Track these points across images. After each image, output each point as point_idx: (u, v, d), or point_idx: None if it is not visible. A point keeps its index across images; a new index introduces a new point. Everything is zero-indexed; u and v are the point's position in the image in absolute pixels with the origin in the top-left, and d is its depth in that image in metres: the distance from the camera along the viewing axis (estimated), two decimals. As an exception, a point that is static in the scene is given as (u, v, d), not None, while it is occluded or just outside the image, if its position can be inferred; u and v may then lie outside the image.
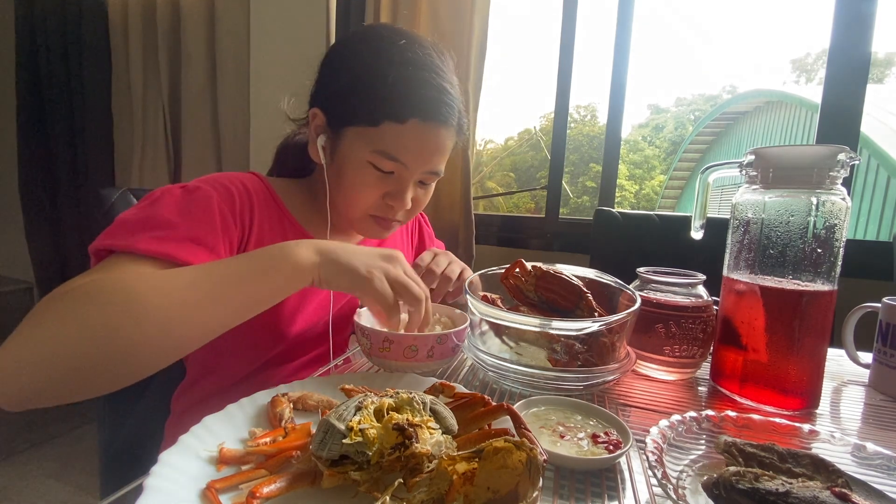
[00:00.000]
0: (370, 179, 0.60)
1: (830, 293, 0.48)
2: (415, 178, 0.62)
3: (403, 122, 0.56)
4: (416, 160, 0.59)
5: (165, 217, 0.50)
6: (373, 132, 0.57)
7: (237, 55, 1.71)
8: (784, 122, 5.80)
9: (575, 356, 0.52)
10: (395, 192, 0.61)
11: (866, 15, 1.14)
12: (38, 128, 2.07)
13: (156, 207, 0.51)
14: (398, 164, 0.58)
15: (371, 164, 0.59)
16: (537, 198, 1.79)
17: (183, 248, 0.48)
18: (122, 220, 0.50)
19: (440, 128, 0.59)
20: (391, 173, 0.60)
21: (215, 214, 0.54)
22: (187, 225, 0.50)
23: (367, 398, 0.32)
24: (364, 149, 0.58)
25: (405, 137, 0.57)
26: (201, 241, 0.51)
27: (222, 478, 0.31)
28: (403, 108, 0.56)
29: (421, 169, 0.60)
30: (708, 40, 29.22)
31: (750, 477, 0.30)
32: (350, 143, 0.60)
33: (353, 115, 0.58)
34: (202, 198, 0.54)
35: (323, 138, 0.62)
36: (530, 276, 0.59)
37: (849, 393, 0.58)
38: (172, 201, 0.52)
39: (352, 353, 0.66)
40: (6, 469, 1.59)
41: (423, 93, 0.57)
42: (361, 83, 0.58)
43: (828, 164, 0.47)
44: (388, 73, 0.57)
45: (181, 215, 0.51)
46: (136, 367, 0.39)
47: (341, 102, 0.60)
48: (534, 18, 7.49)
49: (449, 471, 0.28)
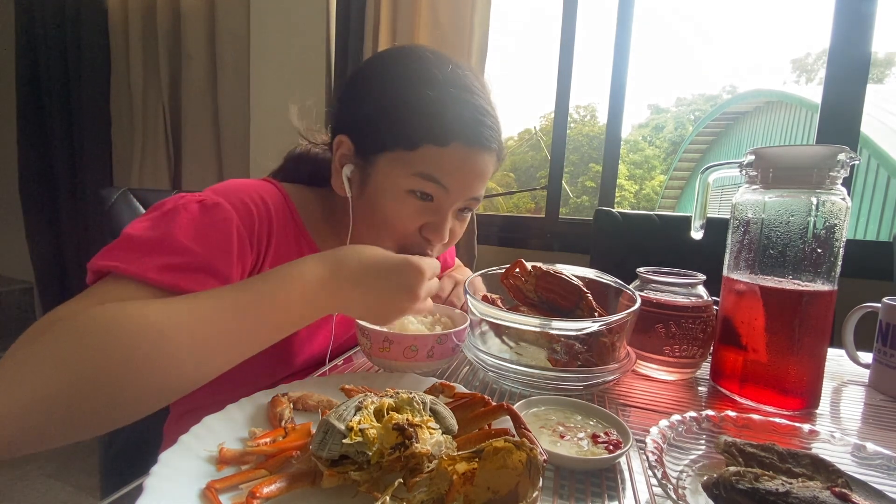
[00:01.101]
0: (408, 209, 0.56)
1: (830, 293, 0.48)
2: (455, 207, 0.57)
3: (446, 145, 0.53)
4: (457, 185, 0.55)
5: (180, 241, 0.45)
6: (411, 156, 0.53)
7: (237, 55, 1.71)
8: (784, 122, 5.80)
9: (575, 356, 0.52)
10: (433, 223, 0.57)
11: (866, 15, 1.14)
12: (37, 128, 2.07)
13: (170, 226, 0.46)
14: (439, 188, 0.54)
15: (409, 192, 0.55)
16: (537, 198, 1.78)
17: (194, 279, 0.44)
18: (130, 235, 0.45)
19: (483, 153, 0.55)
20: (430, 200, 0.56)
21: (233, 240, 0.49)
22: (203, 252, 0.46)
23: (367, 398, 0.32)
24: (402, 173, 0.54)
25: (447, 161, 0.53)
26: (215, 271, 0.46)
27: (222, 478, 0.31)
28: (445, 130, 0.53)
29: (462, 196, 0.56)
30: (708, 40, 29.21)
31: (750, 477, 0.30)
32: (384, 170, 0.55)
33: (389, 139, 0.54)
34: (221, 220, 0.49)
35: (350, 168, 0.57)
36: (530, 276, 0.59)
37: (849, 393, 0.58)
38: (189, 221, 0.47)
39: (352, 353, 0.66)
40: (6, 469, 1.59)
41: (465, 115, 0.54)
42: (398, 105, 0.54)
43: (828, 164, 0.47)
44: (428, 94, 0.53)
45: (198, 240, 0.46)
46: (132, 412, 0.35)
47: (375, 127, 0.55)
48: (534, 18, 7.49)
49: (449, 471, 0.28)
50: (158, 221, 0.47)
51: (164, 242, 0.45)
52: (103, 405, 0.34)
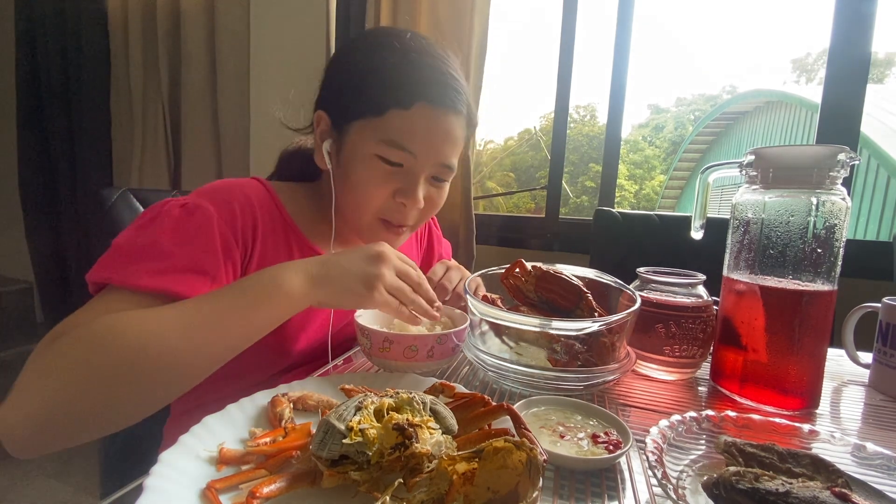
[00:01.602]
0: (378, 175, 0.57)
1: (830, 293, 0.48)
2: (426, 173, 0.59)
3: (409, 107, 0.54)
4: (425, 149, 0.56)
5: (163, 245, 0.48)
6: (378, 122, 0.55)
7: (237, 55, 1.71)
8: (784, 122, 5.80)
9: (575, 356, 0.52)
10: (405, 188, 0.58)
11: (866, 15, 1.14)
12: (37, 128, 2.07)
13: (154, 231, 0.49)
14: (407, 155, 0.56)
15: (379, 158, 0.56)
16: (537, 198, 1.78)
17: (182, 280, 0.47)
18: (118, 245, 0.48)
19: (449, 113, 0.56)
20: (400, 166, 0.57)
21: (215, 238, 0.51)
22: (186, 252, 0.48)
23: (367, 398, 0.32)
24: (370, 140, 0.56)
25: (412, 124, 0.55)
26: (201, 269, 0.49)
27: (222, 478, 0.31)
28: (408, 92, 0.54)
29: (432, 160, 0.58)
30: (708, 40, 29.23)
31: (750, 477, 0.30)
32: (355, 138, 0.57)
33: (358, 107, 0.57)
34: (202, 220, 0.51)
35: (329, 143, 0.60)
36: (530, 276, 0.59)
37: (849, 393, 0.58)
38: (170, 224, 0.50)
39: (352, 353, 0.66)
40: (6, 469, 1.59)
41: (427, 75, 0.56)
42: (364, 74, 0.56)
43: (828, 164, 0.47)
44: (391, 60, 0.56)
45: (180, 242, 0.49)
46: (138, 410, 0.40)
47: (345, 98, 0.58)
48: (534, 18, 7.49)
49: (449, 471, 0.28)
50: (143, 229, 0.50)
51: (149, 248, 0.48)
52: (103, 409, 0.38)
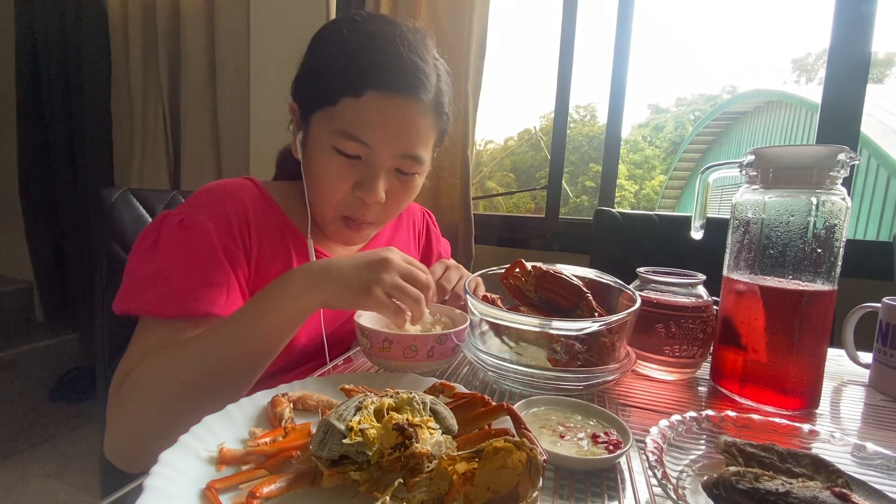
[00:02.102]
0: (336, 167, 0.55)
1: (830, 293, 0.48)
2: (388, 165, 0.57)
3: (360, 94, 0.52)
4: (379, 139, 0.54)
5: (170, 269, 0.50)
6: (332, 112, 0.54)
7: (237, 55, 1.71)
8: (784, 122, 5.80)
9: (575, 356, 0.52)
10: (364, 181, 0.56)
11: (866, 15, 1.14)
12: (37, 128, 2.07)
13: (160, 255, 0.51)
14: (362, 146, 0.54)
15: (334, 149, 0.55)
16: (537, 198, 1.78)
17: (198, 298, 0.50)
18: (132, 274, 0.51)
19: (405, 101, 0.54)
20: (358, 158, 0.55)
21: (217, 250, 0.53)
22: (193, 272, 0.51)
23: (367, 398, 0.32)
24: (325, 131, 0.54)
25: (365, 112, 0.53)
26: (213, 282, 0.51)
27: (222, 478, 0.31)
28: (358, 79, 0.52)
29: (389, 151, 0.55)
30: (708, 40, 29.23)
31: (750, 477, 0.30)
32: (314, 129, 0.57)
33: (315, 98, 0.55)
34: (201, 236, 0.53)
35: (301, 134, 0.60)
36: (530, 276, 0.59)
37: (849, 393, 0.58)
38: (172, 245, 0.52)
39: (352, 353, 0.66)
40: (6, 469, 1.59)
41: (380, 60, 0.53)
42: (320, 63, 0.56)
43: (828, 164, 0.47)
44: (343, 47, 0.54)
45: (185, 263, 0.51)
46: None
47: (306, 88, 0.58)
48: (534, 18, 7.50)
49: (449, 471, 0.28)
50: (150, 253, 0.52)
51: (161, 274, 0.50)
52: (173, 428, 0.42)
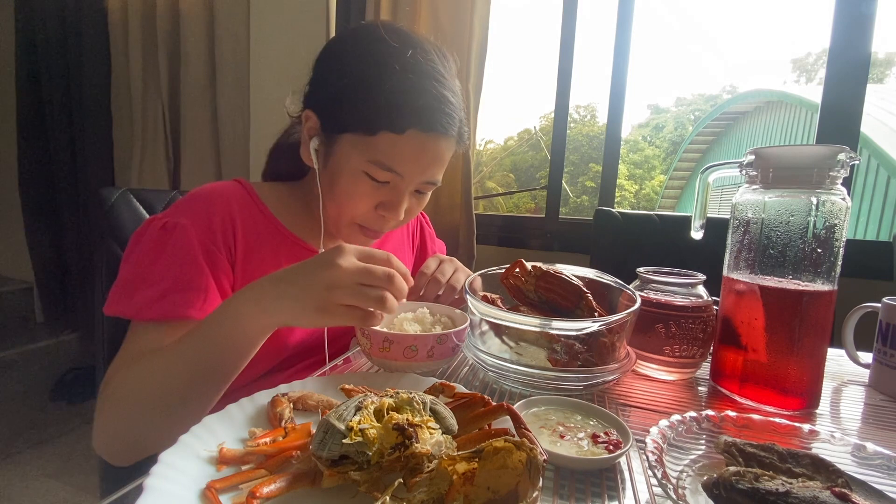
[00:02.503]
0: (364, 189, 0.59)
1: (830, 293, 0.48)
2: (411, 189, 0.61)
3: (402, 132, 0.55)
4: (412, 171, 0.58)
5: (154, 272, 0.53)
6: (369, 141, 0.56)
7: (237, 55, 1.71)
8: (784, 122, 5.80)
9: (575, 356, 0.52)
10: (389, 203, 0.60)
11: (866, 15, 1.14)
12: (37, 128, 2.07)
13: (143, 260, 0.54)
14: (394, 175, 0.57)
15: (366, 174, 0.58)
16: (537, 198, 1.78)
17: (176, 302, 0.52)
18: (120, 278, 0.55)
19: (440, 138, 0.58)
20: (386, 183, 0.59)
21: (197, 253, 0.55)
22: (174, 275, 0.53)
23: (367, 398, 0.32)
24: (359, 158, 0.57)
25: (403, 148, 0.56)
26: (192, 286, 0.53)
27: (222, 478, 0.31)
28: (402, 118, 0.55)
29: (418, 179, 0.59)
30: (708, 40, 29.22)
31: (750, 477, 0.30)
32: (345, 150, 0.58)
33: (350, 122, 0.57)
34: (181, 239, 0.55)
35: (316, 141, 0.61)
36: (530, 276, 0.59)
37: (849, 393, 0.58)
38: (154, 249, 0.54)
39: (352, 353, 0.66)
40: (6, 469, 1.59)
41: (422, 102, 0.55)
42: (358, 90, 0.56)
43: (828, 164, 0.47)
44: (387, 81, 0.55)
45: (166, 265, 0.54)
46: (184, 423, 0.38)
47: (337, 108, 0.58)
48: (534, 19, 7.49)
49: (449, 471, 0.28)
50: (135, 258, 0.55)
51: (143, 278, 0.53)
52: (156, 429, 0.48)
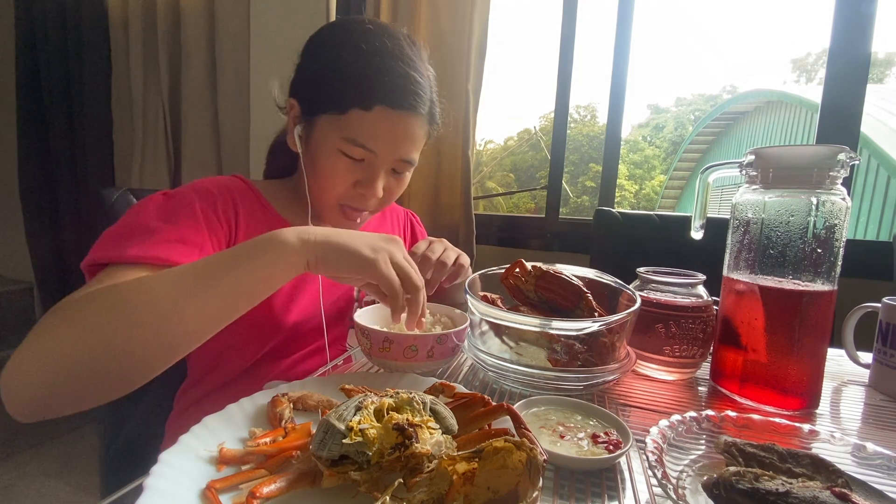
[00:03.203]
0: (341, 167, 0.61)
1: (830, 293, 0.48)
2: (386, 167, 0.63)
3: (370, 109, 0.58)
4: (384, 148, 0.60)
5: (148, 223, 0.51)
6: (342, 120, 0.59)
7: (237, 55, 1.71)
8: (784, 122, 5.80)
9: (575, 356, 0.52)
10: (365, 180, 0.62)
11: (866, 15, 1.14)
12: (38, 128, 2.07)
13: (138, 216, 0.52)
14: (367, 152, 0.60)
15: (341, 152, 0.60)
16: (537, 198, 1.78)
17: (170, 249, 0.49)
18: (107, 233, 0.51)
19: (408, 116, 0.60)
20: (361, 161, 0.61)
21: (198, 214, 0.55)
22: (171, 227, 0.52)
23: (367, 398, 0.32)
24: (334, 136, 0.60)
25: (372, 125, 0.58)
26: (187, 240, 0.52)
27: (222, 478, 0.31)
28: (370, 95, 0.58)
29: (390, 157, 0.61)
30: (708, 40, 29.23)
31: (750, 477, 0.30)
32: (322, 131, 0.61)
33: (324, 102, 0.60)
34: (183, 201, 0.56)
35: (299, 128, 0.64)
36: (530, 276, 0.59)
37: (849, 393, 0.58)
38: (154, 207, 0.54)
39: (352, 353, 0.66)
40: (6, 469, 1.59)
41: (389, 80, 0.58)
42: (330, 71, 0.60)
43: (828, 164, 0.47)
44: (356, 62, 0.58)
45: (164, 220, 0.52)
46: (136, 369, 0.38)
47: (313, 90, 0.62)
48: (534, 18, 7.50)
49: (449, 471, 0.28)
50: (129, 216, 0.53)
51: (135, 228, 0.51)
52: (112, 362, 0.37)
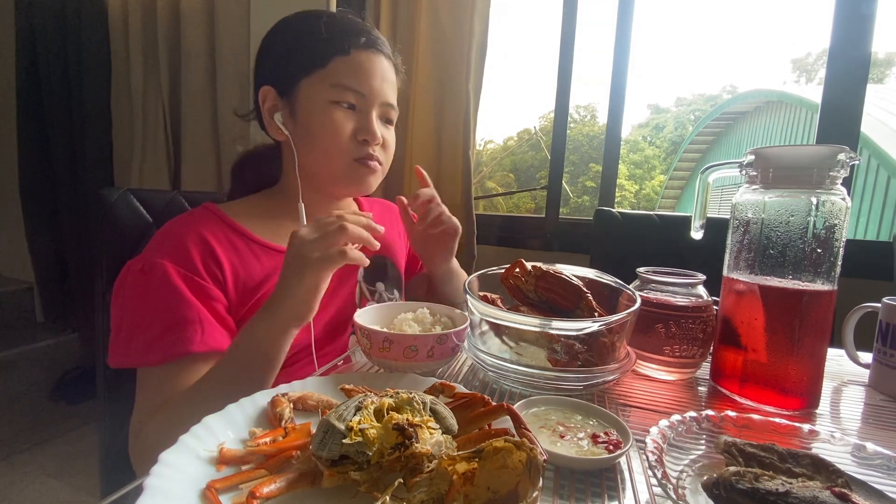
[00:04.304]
0: (337, 117, 0.64)
1: (830, 293, 0.48)
2: (376, 112, 0.66)
3: (348, 52, 0.63)
4: (368, 87, 0.65)
5: (141, 317, 0.55)
6: (324, 72, 0.63)
7: (237, 55, 1.71)
8: (784, 122, 5.80)
9: (575, 356, 0.52)
10: (362, 126, 0.65)
11: (866, 15, 1.14)
12: (38, 128, 2.07)
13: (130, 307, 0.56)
14: (356, 94, 0.64)
15: (332, 103, 0.63)
16: (537, 198, 1.79)
17: (173, 341, 0.53)
18: (113, 330, 0.56)
19: (380, 57, 0.66)
20: (353, 107, 0.65)
21: (181, 289, 0.56)
22: (162, 316, 0.54)
23: (367, 398, 0.32)
24: (322, 90, 0.63)
25: (353, 65, 0.64)
26: (183, 322, 0.54)
27: (222, 478, 0.31)
28: (343, 41, 0.64)
29: (377, 98, 0.66)
30: (708, 40, 29.22)
31: (750, 477, 0.30)
32: (307, 93, 0.64)
33: (302, 66, 0.64)
34: (161, 279, 0.56)
35: (279, 114, 0.65)
36: (530, 276, 0.59)
37: (849, 393, 0.58)
38: (138, 294, 0.56)
39: (351, 353, 0.66)
40: (6, 469, 1.59)
41: (355, 28, 0.65)
42: (302, 37, 0.65)
43: (828, 164, 0.47)
44: (322, 23, 0.65)
45: (153, 308, 0.55)
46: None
47: (287, 64, 0.65)
48: (534, 18, 7.50)
49: (449, 471, 0.28)
50: (121, 306, 0.57)
51: (134, 325, 0.54)
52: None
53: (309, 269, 0.49)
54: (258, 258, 0.63)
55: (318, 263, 0.49)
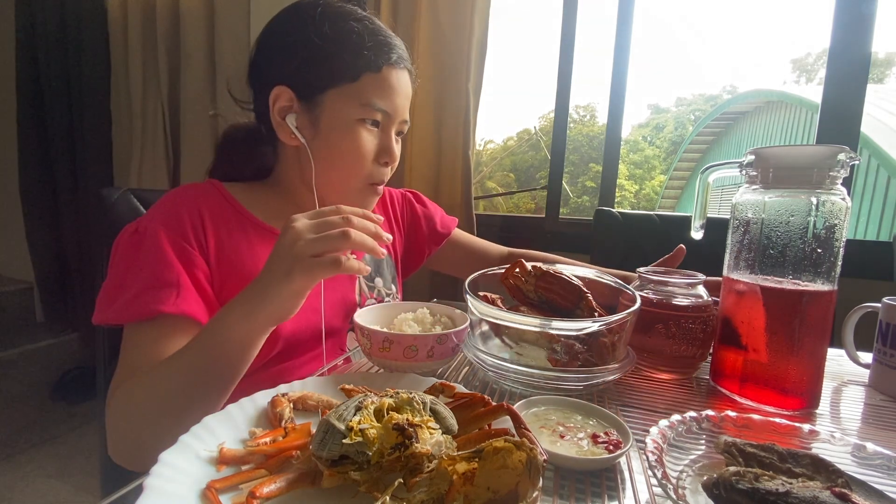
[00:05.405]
0: (365, 139, 0.62)
1: (830, 293, 0.48)
2: (394, 130, 0.65)
3: (379, 69, 0.61)
4: (395, 106, 0.63)
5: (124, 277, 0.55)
6: (355, 88, 0.61)
7: (237, 55, 1.71)
8: (784, 122, 5.81)
9: (575, 356, 0.52)
10: (383, 147, 0.64)
11: (866, 15, 1.14)
12: (38, 128, 2.07)
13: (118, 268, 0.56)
14: (383, 114, 0.62)
15: (359, 122, 0.61)
16: (537, 198, 1.78)
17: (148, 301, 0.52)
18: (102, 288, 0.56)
19: (405, 72, 0.65)
20: (377, 124, 0.63)
21: (167, 252, 0.55)
22: (143, 276, 0.54)
23: (367, 398, 0.32)
24: (350, 106, 0.61)
25: (383, 84, 0.61)
26: (161, 283, 0.53)
27: (222, 478, 0.31)
28: (377, 57, 0.61)
29: (399, 116, 0.64)
30: (708, 40, 29.23)
31: (750, 477, 0.30)
32: (334, 106, 0.61)
33: (332, 76, 0.60)
34: (150, 241, 0.56)
35: (294, 116, 0.62)
36: (530, 276, 0.59)
37: (849, 393, 0.58)
38: (127, 255, 0.56)
39: (352, 353, 0.66)
40: (6, 469, 1.59)
41: (385, 40, 0.62)
42: (331, 46, 0.60)
43: (828, 164, 0.47)
44: (357, 28, 0.61)
45: (136, 269, 0.55)
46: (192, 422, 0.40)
47: (313, 70, 0.61)
48: (534, 18, 7.50)
49: (449, 471, 0.28)
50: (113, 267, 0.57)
51: (118, 285, 0.54)
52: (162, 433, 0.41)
53: (298, 270, 0.43)
54: (246, 233, 0.62)
55: (308, 268, 0.43)
